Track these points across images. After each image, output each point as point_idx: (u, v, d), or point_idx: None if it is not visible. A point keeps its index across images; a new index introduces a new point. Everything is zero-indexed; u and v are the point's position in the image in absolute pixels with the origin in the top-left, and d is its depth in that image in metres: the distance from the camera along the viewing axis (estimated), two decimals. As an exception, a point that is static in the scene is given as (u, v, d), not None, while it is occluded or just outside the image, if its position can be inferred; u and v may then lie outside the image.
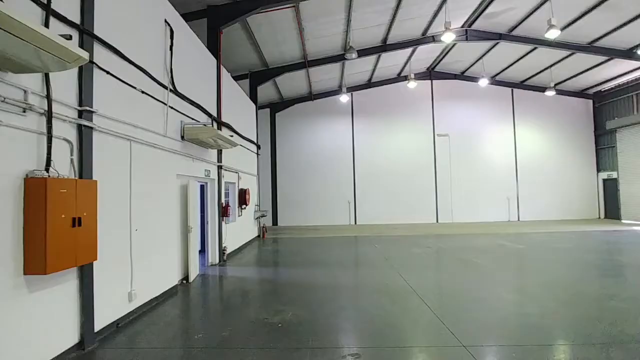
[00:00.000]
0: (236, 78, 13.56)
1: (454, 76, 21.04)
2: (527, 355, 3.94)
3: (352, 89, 20.70)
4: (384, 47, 15.73)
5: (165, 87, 6.62)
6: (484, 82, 18.48)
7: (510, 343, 4.22)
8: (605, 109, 20.36)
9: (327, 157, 20.99)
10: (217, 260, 9.67)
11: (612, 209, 19.89)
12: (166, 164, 6.69)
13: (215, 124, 9.39)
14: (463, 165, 20.85)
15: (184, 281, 7.61)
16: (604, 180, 20.49)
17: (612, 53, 15.79)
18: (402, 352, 4.06)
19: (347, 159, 21.03)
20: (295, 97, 20.87)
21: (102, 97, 4.76)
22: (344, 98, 19.35)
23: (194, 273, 7.88)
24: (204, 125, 7.89)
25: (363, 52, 15.54)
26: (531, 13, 13.90)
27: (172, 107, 6.87)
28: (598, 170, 20.93)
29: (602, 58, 16.51)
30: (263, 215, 15.49)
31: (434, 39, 15.52)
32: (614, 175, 19.56)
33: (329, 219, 20.64)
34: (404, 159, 20.90)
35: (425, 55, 18.28)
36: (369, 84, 20.86)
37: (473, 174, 20.84)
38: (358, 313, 5.54)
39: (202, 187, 9.80)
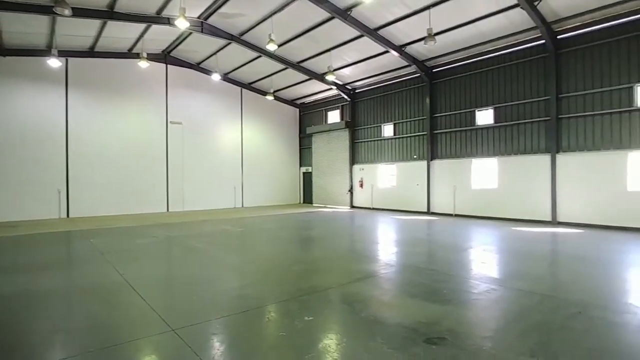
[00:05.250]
0: None
1: (190, 65, 21.05)
2: (231, 321, 4.55)
3: (67, 54, 16.97)
4: (111, 13, 13.78)
5: None
6: (216, 77, 19.48)
7: (217, 316, 4.72)
8: (307, 117, 25.93)
9: (27, 132, 16.32)
10: None
11: (307, 196, 25.73)
12: None
13: None
14: (195, 154, 21.28)
15: None
16: (304, 174, 26.20)
17: (311, 74, 20.26)
18: (102, 353, 3.77)
19: (59, 137, 17.10)
20: (-30, 45, 15.07)
21: None
22: (55, 62, 15.49)
23: None
24: None
25: (81, 12, 13.08)
26: (257, 24, 15.77)
27: None
28: (300, 165, 26.49)
29: (305, 77, 20.87)
30: None
31: (169, 21, 14.94)
32: (310, 169, 25.34)
33: (29, 212, 16.21)
34: (134, 143, 19.13)
35: (160, 36, 17.32)
36: (92, 53, 17.71)
37: (205, 163, 21.66)
38: (54, 321, 4.69)
39: None
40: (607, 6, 11.87)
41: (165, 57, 19.99)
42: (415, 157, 18.87)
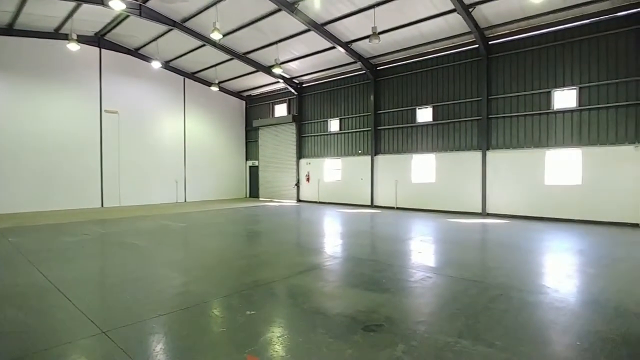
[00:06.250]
0: None
1: (128, 51, 19.69)
2: (170, 319, 4.38)
3: (-23, 30, 15.07)
4: (33, -12, 12.45)
5: None
6: (157, 65, 18.43)
7: (154, 315, 4.52)
8: (254, 110, 25.50)
9: None
10: None
11: (254, 190, 25.42)
12: None
13: None
14: (133, 145, 20.03)
15: None
16: (250, 167, 25.80)
17: (258, 67, 19.92)
18: (25, 360, 3.47)
19: (-32, 125, 15.20)
20: None
21: None
22: (-39, 39, 13.71)
23: None
24: None
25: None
26: (201, 11, 15.15)
27: None
28: (246, 159, 26.05)
29: (252, 69, 20.46)
30: None
31: (102, 1, 13.83)
32: (257, 163, 25.02)
33: None
34: (63, 132, 17.51)
35: (93, 17, 15.97)
36: (10, 31, 15.84)
37: (144, 155, 20.46)
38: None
39: None
40: (531, 17, 13.02)
41: (99, 40, 18.49)
42: (360, 152, 19.38)
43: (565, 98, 13.29)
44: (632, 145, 11.88)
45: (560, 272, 6.71)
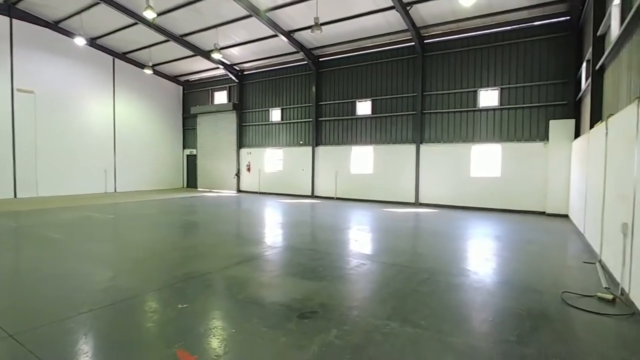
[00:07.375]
0: None
1: (46, 23, 17.62)
2: (92, 317, 4.06)
3: None
4: None
5: None
6: (81, 41, 16.75)
7: (73, 314, 4.17)
8: (192, 96, 24.34)
9: None
10: None
11: (191, 180, 24.42)
12: None
13: None
14: (53, 130, 18.10)
15: None
16: (187, 156, 24.70)
17: (196, 50, 19.00)
18: None
19: None
20: None
21: None
22: None
23: None
24: None
25: None
26: (132, -14, 14.04)
27: None
28: (184, 147, 24.88)
29: (190, 52, 19.45)
30: None
31: (11, -36, 12.20)
32: (195, 152, 24.01)
33: None
34: (-40, 113, 15.30)
35: (-2, -19, 14.04)
36: None
37: (66, 141, 18.61)
38: None
39: None
40: (461, 20, 13.92)
41: (9, 8, 16.30)
42: (301, 142, 19.44)
43: (489, 97, 14.48)
44: (542, 142, 13.32)
45: (480, 256, 7.37)
